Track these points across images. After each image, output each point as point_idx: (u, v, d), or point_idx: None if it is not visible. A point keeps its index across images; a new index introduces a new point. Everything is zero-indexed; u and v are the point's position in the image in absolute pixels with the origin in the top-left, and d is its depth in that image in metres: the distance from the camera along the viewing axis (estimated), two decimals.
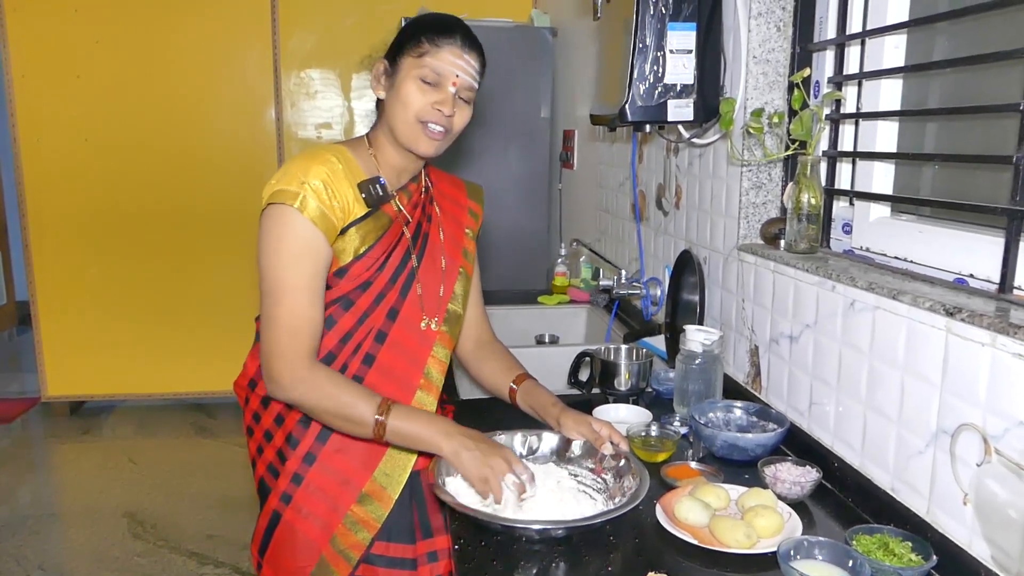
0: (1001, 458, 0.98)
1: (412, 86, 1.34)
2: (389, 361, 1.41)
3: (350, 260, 1.36)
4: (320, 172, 1.31)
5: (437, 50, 1.33)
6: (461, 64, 1.35)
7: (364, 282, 1.39)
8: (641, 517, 1.26)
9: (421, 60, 1.33)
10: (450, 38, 1.34)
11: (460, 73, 1.35)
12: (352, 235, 1.35)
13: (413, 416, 1.32)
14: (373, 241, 1.38)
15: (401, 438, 1.31)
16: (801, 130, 1.46)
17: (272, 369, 1.30)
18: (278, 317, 1.30)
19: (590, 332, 2.81)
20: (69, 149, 4.04)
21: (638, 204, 2.42)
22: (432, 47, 1.33)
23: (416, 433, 1.30)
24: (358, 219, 1.35)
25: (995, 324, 1.00)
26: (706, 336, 1.65)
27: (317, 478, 1.40)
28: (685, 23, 1.66)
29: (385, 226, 1.40)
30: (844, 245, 1.56)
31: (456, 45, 1.35)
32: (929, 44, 1.41)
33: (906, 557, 1.06)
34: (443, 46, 1.34)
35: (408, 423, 1.30)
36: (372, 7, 4.11)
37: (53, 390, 4.27)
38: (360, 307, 1.39)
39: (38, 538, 3.10)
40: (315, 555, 1.39)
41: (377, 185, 1.39)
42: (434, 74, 1.33)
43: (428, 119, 1.34)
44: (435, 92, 1.34)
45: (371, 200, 1.37)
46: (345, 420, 1.31)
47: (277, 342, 1.29)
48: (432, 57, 1.33)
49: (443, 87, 1.34)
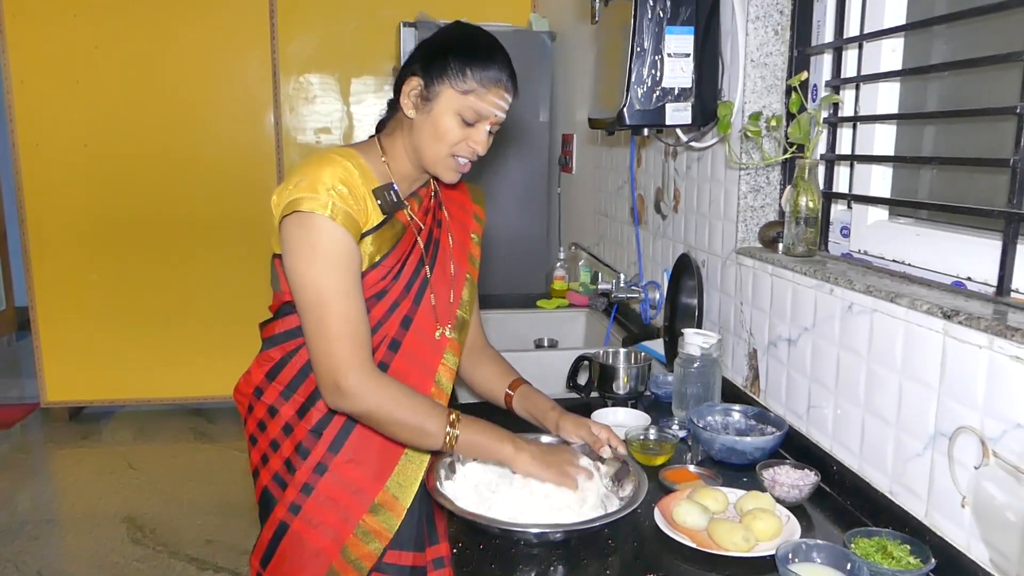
0: (999, 461, 0.98)
1: (452, 122, 1.31)
2: (403, 369, 1.39)
3: (365, 269, 1.34)
4: (343, 176, 1.29)
5: (484, 92, 1.30)
6: (503, 104, 1.34)
7: (379, 291, 1.37)
8: (639, 520, 1.26)
9: (465, 98, 1.30)
10: (497, 78, 1.31)
11: (500, 112, 1.34)
12: (367, 244, 1.33)
13: (481, 428, 1.33)
14: (388, 250, 1.36)
15: (470, 449, 1.32)
16: (799, 133, 1.46)
17: (339, 382, 1.25)
18: (332, 326, 1.25)
19: (589, 336, 2.81)
20: (68, 155, 4.05)
21: (636, 208, 2.43)
22: (479, 88, 1.30)
23: (485, 444, 1.32)
24: (374, 227, 1.34)
25: (993, 327, 1.00)
26: (704, 339, 1.65)
27: (328, 488, 1.37)
28: (683, 27, 1.67)
29: (399, 234, 1.38)
30: (842, 248, 1.57)
31: (503, 87, 1.32)
32: (926, 47, 1.41)
33: (904, 560, 1.06)
34: (490, 88, 1.30)
35: (477, 435, 1.32)
36: (371, 12, 4.12)
37: (52, 395, 4.27)
38: (375, 316, 1.37)
39: (37, 543, 3.09)
40: (324, 566, 1.37)
41: (391, 192, 1.37)
42: (475, 114, 1.31)
43: (461, 154, 1.34)
44: (472, 130, 1.33)
45: (386, 207, 1.35)
46: (414, 431, 1.29)
47: (340, 352, 1.25)
48: (477, 98, 1.30)
49: (481, 126, 1.33)
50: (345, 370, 1.25)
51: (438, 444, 1.30)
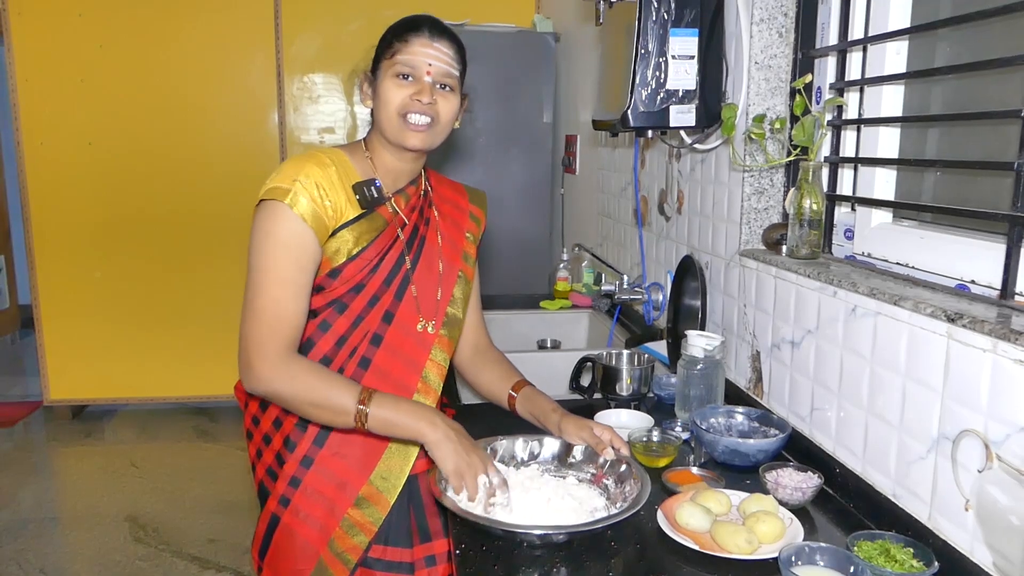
0: (1003, 464, 0.98)
1: (390, 84, 1.36)
2: (385, 364, 1.41)
3: (343, 261, 1.37)
4: (313, 171, 1.33)
5: (406, 45, 1.36)
6: (432, 52, 1.36)
7: (357, 284, 1.39)
8: (642, 522, 1.26)
9: (393, 59, 1.36)
10: (416, 31, 1.37)
11: (433, 61, 1.36)
12: (345, 236, 1.36)
13: (397, 404, 1.31)
14: (367, 243, 1.38)
15: (384, 426, 1.30)
16: (803, 136, 1.46)
17: (251, 361, 1.29)
18: (259, 308, 1.30)
19: (592, 337, 2.81)
20: (72, 153, 4.05)
21: (640, 209, 2.43)
22: (401, 43, 1.36)
23: (400, 421, 1.29)
24: (351, 220, 1.36)
25: (996, 330, 1.00)
26: (708, 341, 1.65)
27: (314, 481, 1.40)
28: (687, 29, 1.67)
29: (379, 228, 1.40)
30: (846, 251, 1.57)
31: (424, 36, 1.37)
32: (931, 50, 1.41)
33: (908, 563, 1.06)
34: (411, 40, 1.36)
35: (392, 412, 1.29)
36: (375, 12, 4.12)
37: (55, 394, 4.28)
38: (354, 310, 1.40)
39: (40, 542, 3.10)
40: (313, 558, 1.39)
41: (372, 187, 1.40)
42: (407, 67, 1.36)
43: (409, 110, 1.36)
44: (412, 85, 1.36)
45: (364, 202, 1.38)
46: (325, 409, 1.29)
47: (256, 333, 1.29)
48: (402, 53, 1.36)
49: (419, 78, 1.36)
50: (256, 351, 1.29)
51: (350, 422, 1.29)
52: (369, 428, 1.30)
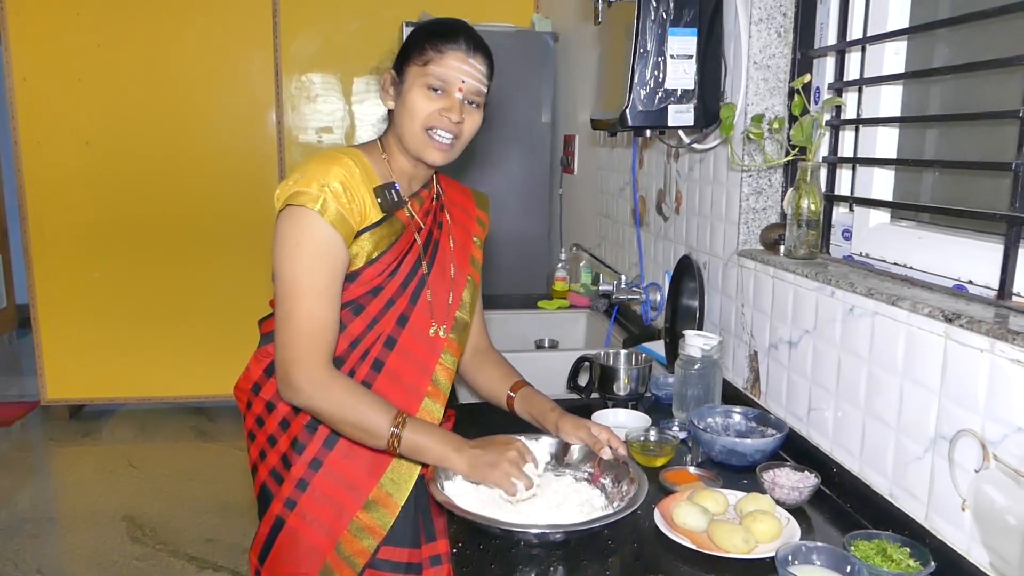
0: (1000, 464, 0.98)
1: (419, 94, 1.33)
2: (398, 367, 1.40)
3: (362, 265, 1.36)
4: (339, 175, 1.30)
5: (441, 56, 1.32)
6: (466, 69, 1.34)
7: (375, 287, 1.38)
8: (639, 522, 1.26)
9: (426, 68, 1.32)
10: (454, 43, 1.33)
11: (466, 78, 1.33)
12: (365, 240, 1.34)
13: (427, 431, 1.32)
14: (386, 247, 1.37)
15: (414, 451, 1.31)
16: (801, 136, 1.46)
17: (290, 375, 1.28)
18: (296, 321, 1.28)
19: (590, 337, 2.81)
20: (70, 153, 4.05)
21: (638, 209, 2.43)
22: (436, 54, 1.32)
23: (429, 447, 1.31)
24: (372, 224, 1.35)
25: (994, 330, 1.00)
26: (705, 341, 1.65)
27: (323, 484, 1.38)
28: (686, 28, 1.67)
29: (398, 232, 1.39)
30: (844, 251, 1.57)
31: (460, 50, 1.33)
32: (929, 51, 1.41)
33: (904, 563, 1.06)
34: (447, 52, 1.32)
35: (422, 437, 1.31)
36: (374, 12, 4.12)
37: (53, 394, 4.27)
38: (370, 313, 1.39)
39: (37, 542, 3.09)
40: (319, 562, 1.38)
41: (392, 191, 1.38)
42: (440, 81, 1.32)
43: (436, 126, 1.34)
44: (442, 99, 1.33)
45: (386, 205, 1.37)
46: (360, 430, 1.30)
47: (296, 347, 1.28)
48: (437, 64, 1.32)
49: (450, 93, 1.33)
50: (298, 366, 1.28)
51: (383, 445, 1.30)
52: (400, 452, 1.31)
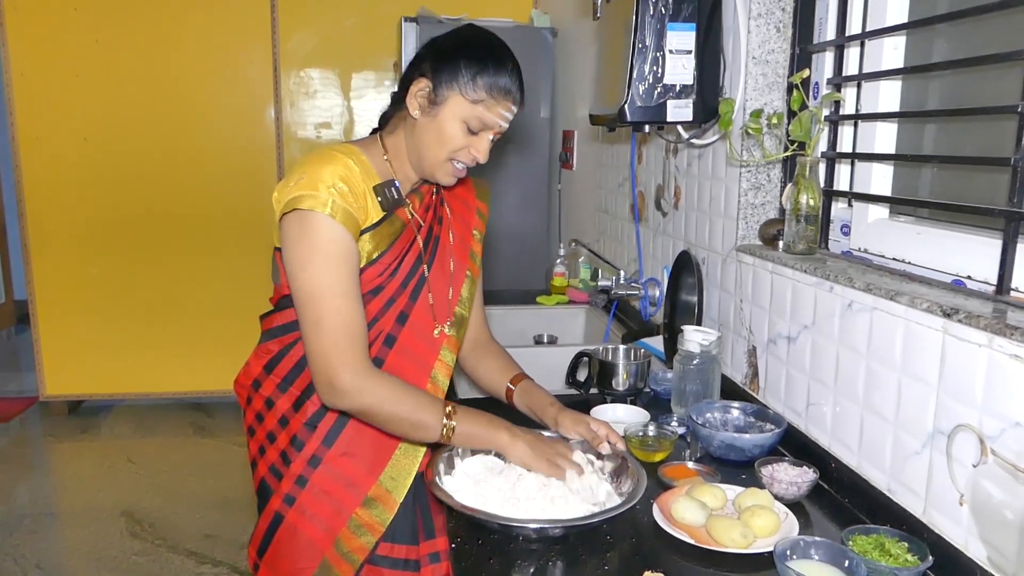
0: (997, 459, 0.98)
1: (457, 129, 1.31)
2: (398, 365, 1.40)
3: (363, 265, 1.35)
4: (341, 174, 1.29)
5: (494, 104, 1.30)
6: (510, 116, 1.34)
7: (375, 287, 1.38)
8: (638, 517, 1.26)
9: (473, 107, 1.29)
10: (508, 92, 1.31)
11: (505, 123, 1.34)
12: (365, 241, 1.34)
13: (477, 418, 1.35)
14: (386, 247, 1.37)
15: (466, 439, 1.34)
16: (800, 131, 1.46)
17: (335, 380, 1.26)
18: (328, 326, 1.26)
19: (588, 332, 2.81)
20: (68, 148, 4.04)
21: (637, 205, 2.43)
22: (488, 98, 1.30)
23: (482, 434, 1.34)
24: (373, 225, 1.34)
25: (992, 325, 1.00)
26: (704, 337, 1.65)
27: (322, 481, 1.39)
28: (685, 23, 1.67)
29: (398, 231, 1.39)
30: (842, 246, 1.57)
31: (511, 99, 1.32)
32: (928, 46, 1.41)
33: (902, 557, 1.06)
34: (499, 100, 1.31)
35: (473, 426, 1.34)
36: (372, 7, 4.11)
37: (51, 389, 4.27)
38: (371, 311, 1.38)
39: (36, 537, 3.10)
40: (317, 557, 1.38)
41: (392, 188, 1.37)
42: (483, 126, 1.32)
43: (460, 160, 1.34)
44: (476, 138, 1.33)
45: (387, 204, 1.36)
46: (411, 425, 1.31)
47: (335, 351, 1.26)
48: (486, 108, 1.30)
49: (485, 135, 1.34)
50: (340, 369, 1.26)
51: (435, 436, 1.32)
52: (453, 442, 1.33)
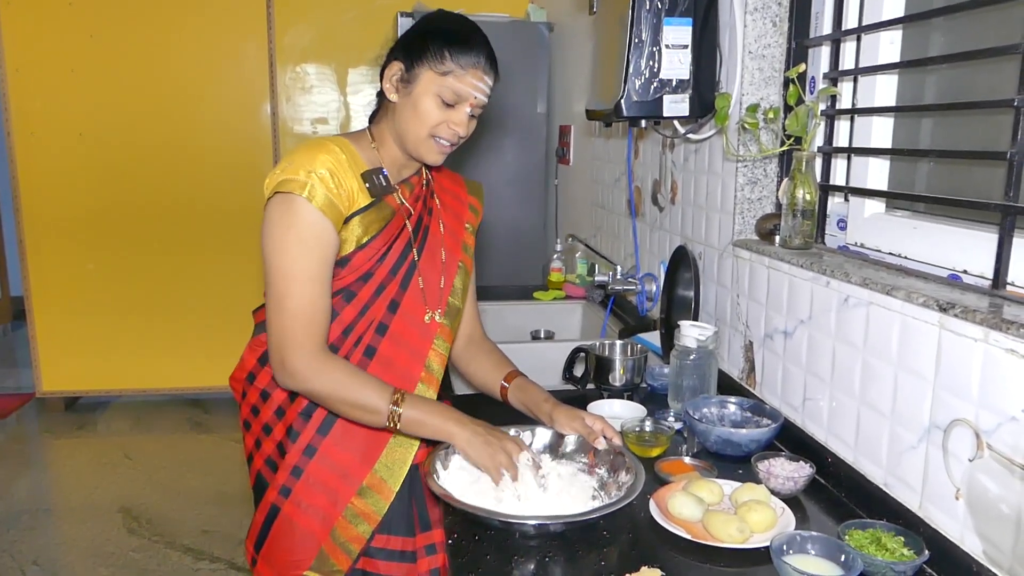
0: (993, 453, 0.98)
1: (431, 103, 1.33)
2: (390, 353, 1.41)
3: (352, 250, 1.36)
4: (326, 161, 1.31)
5: (462, 72, 1.32)
6: (482, 87, 1.35)
7: (365, 273, 1.39)
8: (635, 512, 1.26)
9: (443, 79, 1.32)
10: (475, 60, 1.33)
11: (479, 95, 1.35)
12: (355, 225, 1.35)
13: (425, 405, 1.34)
14: (376, 232, 1.38)
15: (414, 427, 1.33)
16: (796, 126, 1.46)
17: (287, 360, 1.29)
18: (290, 307, 1.29)
19: (585, 328, 2.81)
20: (63, 144, 4.03)
21: (634, 200, 2.42)
22: (457, 68, 1.32)
23: (429, 422, 1.33)
24: (361, 209, 1.36)
25: (988, 320, 1.00)
26: (701, 332, 1.65)
27: (317, 471, 1.40)
28: (681, 18, 1.66)
29: (387, 217, 1.40)
30: (839, 241, 1.57)
31: (480, 67, 1.34)
32: (924, 40, 1.41)
33: (898, 552, 1.07)
34: (468, 69, 1.32)
35: (421, 412, 1.32)
36: (368, 2, 4.10)
37: (48, 385, 4.26)
38: (361, 299, 1.39)
39: (33, 533, 3.09)
40: (314, 548, 1.39)
41: (380, 176, 1.40)
42: (455, 96, 1.33)
43: (441, 135, 1.35)
44: (452, 111, 1.34)
45: (375, 190, 1.38)
46: (359, 409, 1.31)
47: (291, 332, 1.29)
48: (455, 79, 1.32)
49: (461, 107, 1.35)
50: (295, 351, 1.29)
51: (383, 422, 1.31)
52: (400, 428, 1.32)
